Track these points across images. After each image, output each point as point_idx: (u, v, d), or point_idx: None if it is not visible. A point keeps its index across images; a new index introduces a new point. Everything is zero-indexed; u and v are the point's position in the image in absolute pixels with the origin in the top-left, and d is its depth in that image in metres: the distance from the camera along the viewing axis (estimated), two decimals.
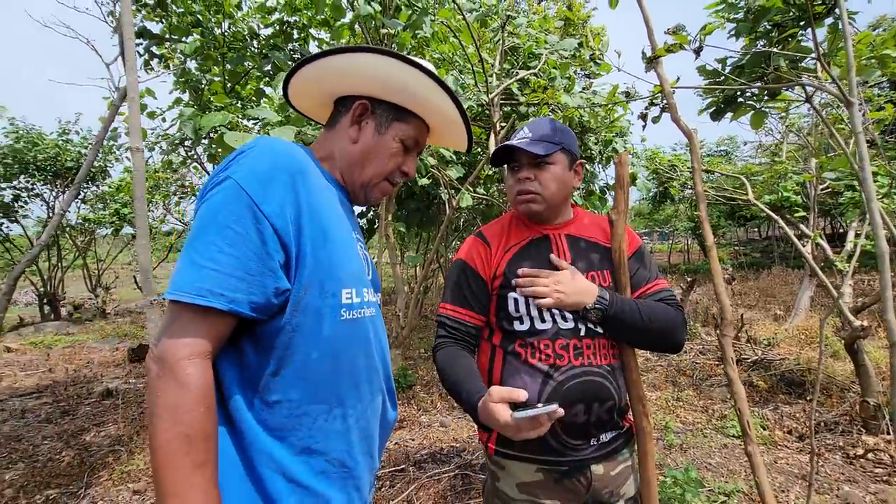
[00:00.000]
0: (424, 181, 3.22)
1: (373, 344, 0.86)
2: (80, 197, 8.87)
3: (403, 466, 2.80)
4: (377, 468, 0.91)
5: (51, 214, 8.19)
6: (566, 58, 3.46)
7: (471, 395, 1.03)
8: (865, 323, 2.89)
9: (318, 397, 0.76)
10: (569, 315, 1.10)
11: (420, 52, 3.35)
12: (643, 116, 1.88)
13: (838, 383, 3.78)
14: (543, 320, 1.10)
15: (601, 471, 1.12)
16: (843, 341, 3.38)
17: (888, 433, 2.91)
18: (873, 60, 1.50)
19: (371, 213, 4.97)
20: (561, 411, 0.89)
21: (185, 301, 0.65)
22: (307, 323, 0.74)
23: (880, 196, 2.75)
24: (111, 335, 7.41)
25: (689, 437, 3.16)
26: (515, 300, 1.12)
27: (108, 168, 8.64)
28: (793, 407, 3.58)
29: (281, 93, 1.01)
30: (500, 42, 3.34)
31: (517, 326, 1.12)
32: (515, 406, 0.94)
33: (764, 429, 3.23)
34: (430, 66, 0.89)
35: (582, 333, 1.10)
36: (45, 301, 9.00)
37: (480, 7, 3.20)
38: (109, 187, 9.00)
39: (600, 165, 4.29)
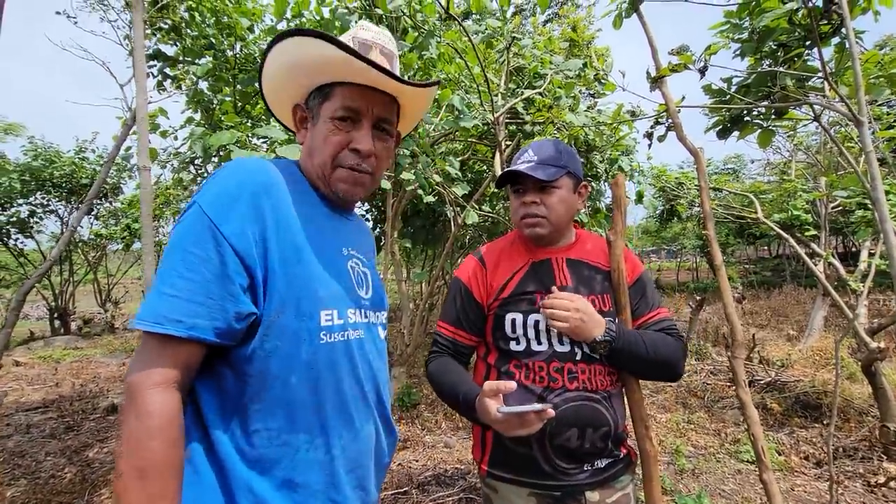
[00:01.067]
0: (430, 199, 3.23)
1: (360, 368, 0.81)
2: (92, 213, 9.03)
3: (406, 489, 2.74)
4: (374, 502, 0.86)
5: (64, 230, 8.33)
6: (571, 78, 3.49)
7: (468, 396, 1.03)
8: (882, 345, 2.81)
9: (299, 426, 0.72)
10: (566, 339, 1.10)
11: (426, 73, 3.40)
12: (649, 135, 1.88)
13: (856, 407, 3.66)
14: (539, 342, 1.10)
15: (596, 498, 1.09)
16: (859, 363, 3.29)
17: None
18: (882, 79, 1.49)
19: (377, 230, 4.99)
20: (551, 412, 0.90)
21: (145, 330, 0.64)
22: (284, 347, 0.72)
23: (893, 215, 2.71)
24: (119, 350, 7.44)
25: (701, 462, 3.06)
26: (513, 320, 1.12)
27: (121, 185, 8.82)
28: (809, 431, 3.46)
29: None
30: (506, 63, 3.38)
31: (513, 346, 1.13)
32: (507, 401, 0.96)
33: (779, 454, 3.12)
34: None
35: (577, 358, 1.09)
36: (55, 315, 9.08)
37: (486, 29, 3.25)
38: (122, 203, 9.16)
39: (606, 184, 4.28)
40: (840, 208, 4.95)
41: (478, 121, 3.02)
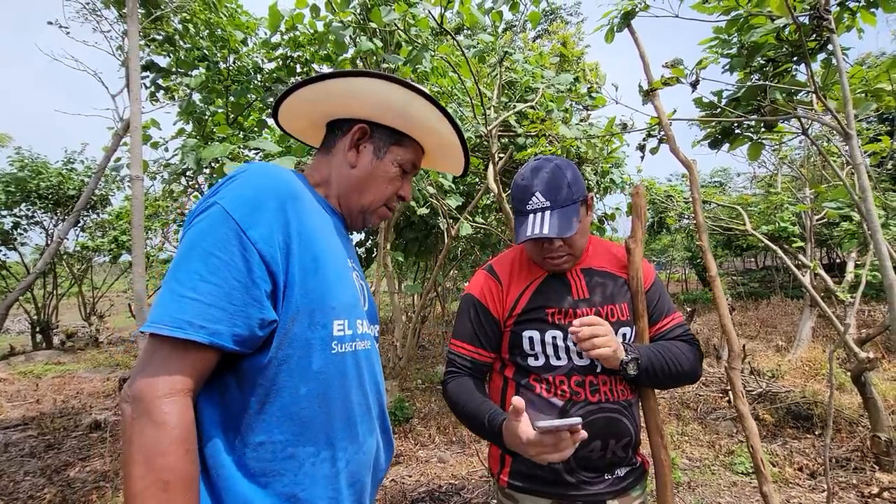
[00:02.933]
0: (423, 210, 3.23)
1: (367, 379, 0.80)
2: (79, 225, 8.89)
3: None
4: None
5: (49, 242, 8.18)
6: (562, 92, 3.54)
7: (494, 420, 1.00)
8: (871, 354, 2.84)
9: (306, 438, 0.70)
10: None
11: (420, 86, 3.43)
12: (641, 148, 1.91)
13: (847, 417, 3.68)
14: (559, 357, 1.08)
15: None
16: (848, 373, 3.32)
17: None
18: (867, 94, 1.53)
19: (370, 241, 4.97)
20: (584, 434, 0.86)
21: (163, 334, 0.61)
22: (295, 356, 0.70)
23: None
24: (103, 364, 7.25)
25: (696, 475, 3.05)
26: (530, 338, 1.10)
27: (109, 196, 8.70)
28: (802, 442, 3.47)
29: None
30: (498, 76, 3.42)
31: (532, 362, 1.11)
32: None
33: (774, 465, 3.12)
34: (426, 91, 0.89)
35: (598, 370, 1.08)
36: (37, 329, 8.85)
37: (478, 44, 3.30)
38: (110, 215, 9.03)
39: (597, 196, 4.32)
40: (824, 220, 5.05)
41: (471, 133, 3.04)
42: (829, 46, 1.33)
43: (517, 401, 0.88)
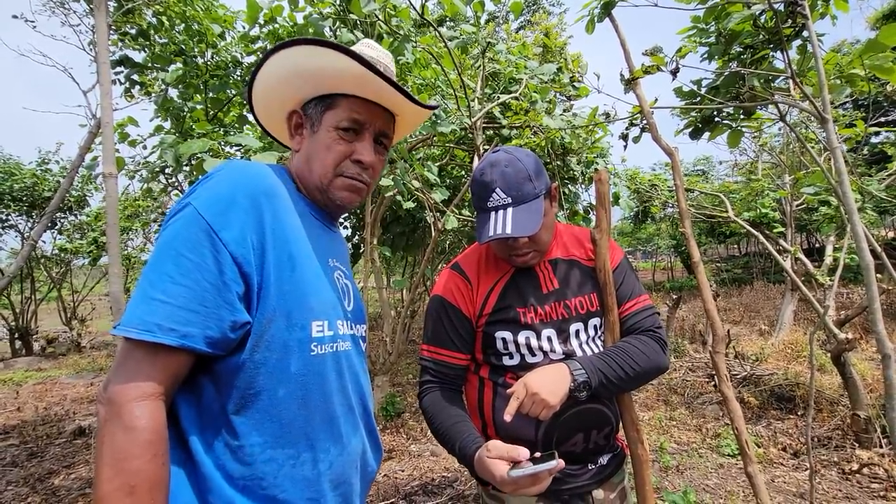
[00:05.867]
0: (409, 204, 3.21)
1: (348, 381, 0.79)
2: (56, 227, 8.66)
3: (393, 500, 2.69)
4: None
5: (25, 246, 7.95)
6: (546, 82, 3.54)
7: (465, 449, 0.97)
8: (850, 335, 2.92)
9: (285, 441, 0.70)
10: (559, 348, 1.06)
11: (402, 78, 3.39)
12: (624, 137, 1.91)
13: (827, 397, 3.79)
14: (534, 354, 1.06)
15: (601, 495, 1.10)
16: (828, 354, 3.40)
17: (881, 446, 2.90)
18: (841, 80, 1.55)
19: (357, 237, 4.94)
20: (562, 464, 0.83)
21: (132, 337, 0.61)
22: (272, 358, 0.69)
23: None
24: (86, 369, 7.11)
25: (684, 458, 3.11)
26: (503, 339, 1.07)
27: (87, 197, 8.48)
28: (785, 423, 3.56)
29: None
30: (481, 68, 3.40)
31: (507, 361, 1.08)
32: (514, 462, 0.87)
33: (759, 447, 3.20)
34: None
35: None
36: (16, 336, 8.62)
37: (461, 35, 3.27)
38: (88, 216, 8.81)
39: (582, 186, 4.34)
40: (804, 206, 5.16)
41: (455, 126, 3.02)
42: (805, 33, 1.34)
43: (498, 449, 0.87)
